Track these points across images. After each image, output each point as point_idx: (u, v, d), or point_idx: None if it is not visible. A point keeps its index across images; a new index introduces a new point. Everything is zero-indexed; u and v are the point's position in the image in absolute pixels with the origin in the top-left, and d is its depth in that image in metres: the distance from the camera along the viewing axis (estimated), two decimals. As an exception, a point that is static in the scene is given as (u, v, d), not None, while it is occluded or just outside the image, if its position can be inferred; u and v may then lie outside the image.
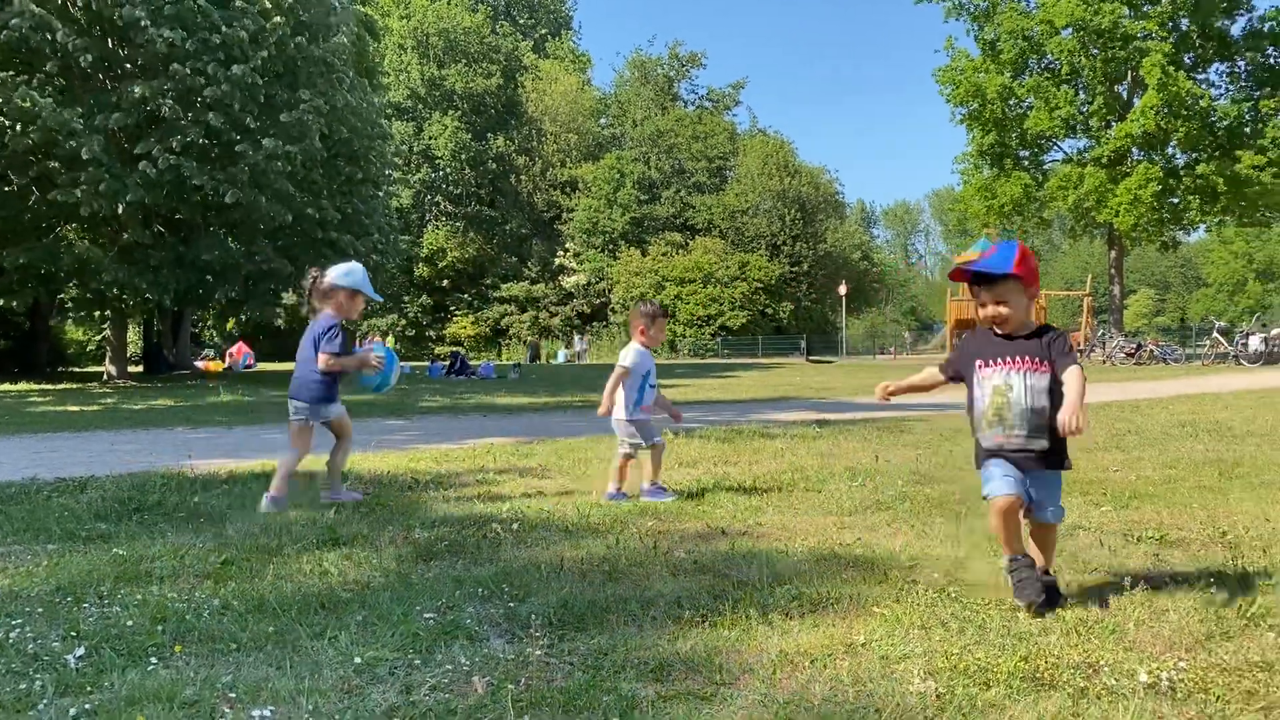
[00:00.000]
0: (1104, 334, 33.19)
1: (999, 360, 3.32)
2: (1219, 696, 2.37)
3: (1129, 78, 34.57)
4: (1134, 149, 33.86)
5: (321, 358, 5.32)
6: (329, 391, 5.46)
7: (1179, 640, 2.80)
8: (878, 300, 71.87)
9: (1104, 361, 29.41)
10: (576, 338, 54.22)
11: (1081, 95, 35.18)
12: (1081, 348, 36.06)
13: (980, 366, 3.37)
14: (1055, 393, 3.23)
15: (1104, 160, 33.73)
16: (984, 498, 3.31)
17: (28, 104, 18.59)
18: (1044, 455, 3.26)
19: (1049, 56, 35.19)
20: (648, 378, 5.62)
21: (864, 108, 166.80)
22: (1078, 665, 2.59)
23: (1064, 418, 3.08)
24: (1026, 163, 37.54)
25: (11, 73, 19.37)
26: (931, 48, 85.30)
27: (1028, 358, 3.28)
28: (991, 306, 3.35)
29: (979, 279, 3.38)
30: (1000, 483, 3.24)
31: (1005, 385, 3.28)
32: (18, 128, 19.17)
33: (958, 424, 9.76)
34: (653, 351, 5.76)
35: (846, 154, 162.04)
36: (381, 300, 5.66)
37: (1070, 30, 33.30)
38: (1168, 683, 2.44)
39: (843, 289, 47.23)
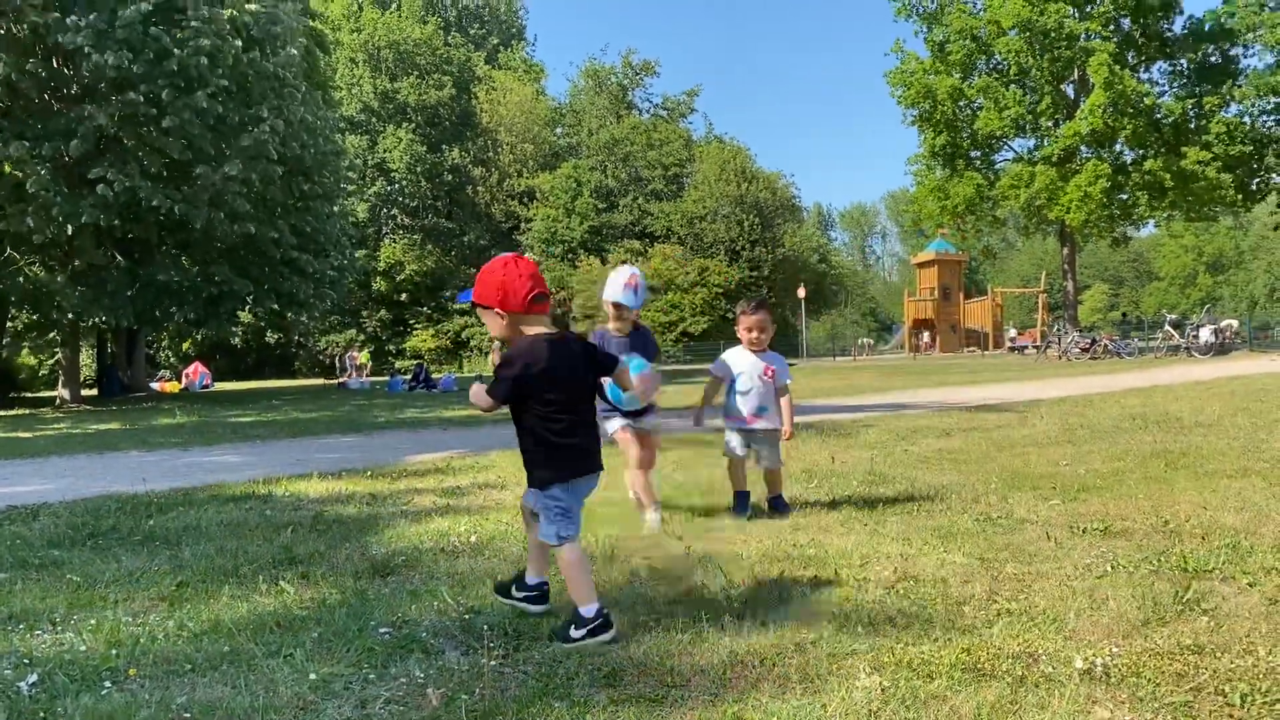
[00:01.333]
0: (1059, 330, 33.65)
1: None
2: (1150, 679, 2.46)
3: (1075, 77, 35.18)
4: (1082, 147, 34.44)
5: None
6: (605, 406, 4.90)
7: (1116, 628, 2.89)
8: (837, 302, 72.44)
9: (1060, 357, 29.80)
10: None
11: (1030, 95, 35.74)
12: (1038, 343, 36.58)
13: None
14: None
15: (1054, 158, 34.28)
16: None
17: None
18: None
19: (997, 57, 35.75)
20: (735, 382, 5.08)
21: (818, 111, 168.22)
22: (1017, 655, 2.67)
23: None
24: (978, 162, 38.07)
25: None
26: (883, 50, 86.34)
27: None
28: None
29: None
30: None
31: None
32: None
33: (913, 424, 9.91)
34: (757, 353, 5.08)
35: (803, 158, 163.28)
36: (634, 305, 4.88)
37: (1016, 31, 33.84)
38: (1102, 668, 2.52)
39: (801, 292, 47.51)
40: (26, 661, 2.92)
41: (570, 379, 3.24)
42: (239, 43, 21.37)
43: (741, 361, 5.07)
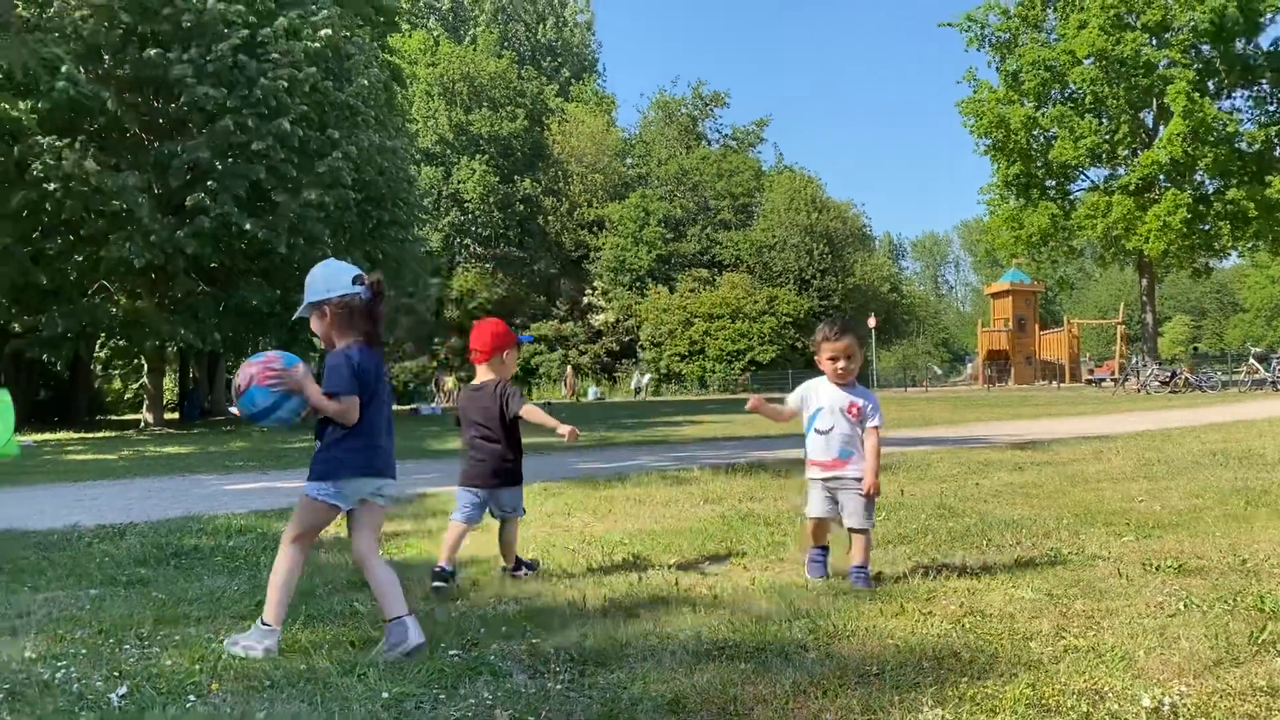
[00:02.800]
0: (1138, 362, 32.90)
1: None
2: (1220, 720, 2.43)
3: (1153, 105, 34.52)
4: (1161, 176, 33.73)
5: None
6: None
7: (1187, 667, 2.84)
8: (908, 332, 71.66)
9: (1139, 390, 29.12)
10: (636, 373, 51.86)
11: (1106, 124, 35.14)
12: (1116, 376, 35.76)
13: None
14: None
15: (1131, 188, 33.62)
16: None
17: (76, 169, 19.21)
18: None
19: (1071, 86, 35.23)
20: (814, 419, 4.35)
21: (889, 139, 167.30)
22: (1083, 692, 2.64)
23: None
24: (1053, 192, 37.48)
25: (55, 137, 20.01)
26: (954, 79, 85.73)
27: None
28: None
29: None
30: None
31: None
32: (55, 190, 19.74)
33: (984, 457, 9.78)
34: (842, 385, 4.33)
35: (872, 186, 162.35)
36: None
37: (1092, 60, 33.36)
38: (1170, 708, 2.49)
39: (872, 321, 47.12)
40: (116, 674, 3.06)
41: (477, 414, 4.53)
42: (312, 69, 22.24)
43: (822, 395, 4.33)
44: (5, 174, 20.20)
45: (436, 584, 4.22)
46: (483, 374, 4.59)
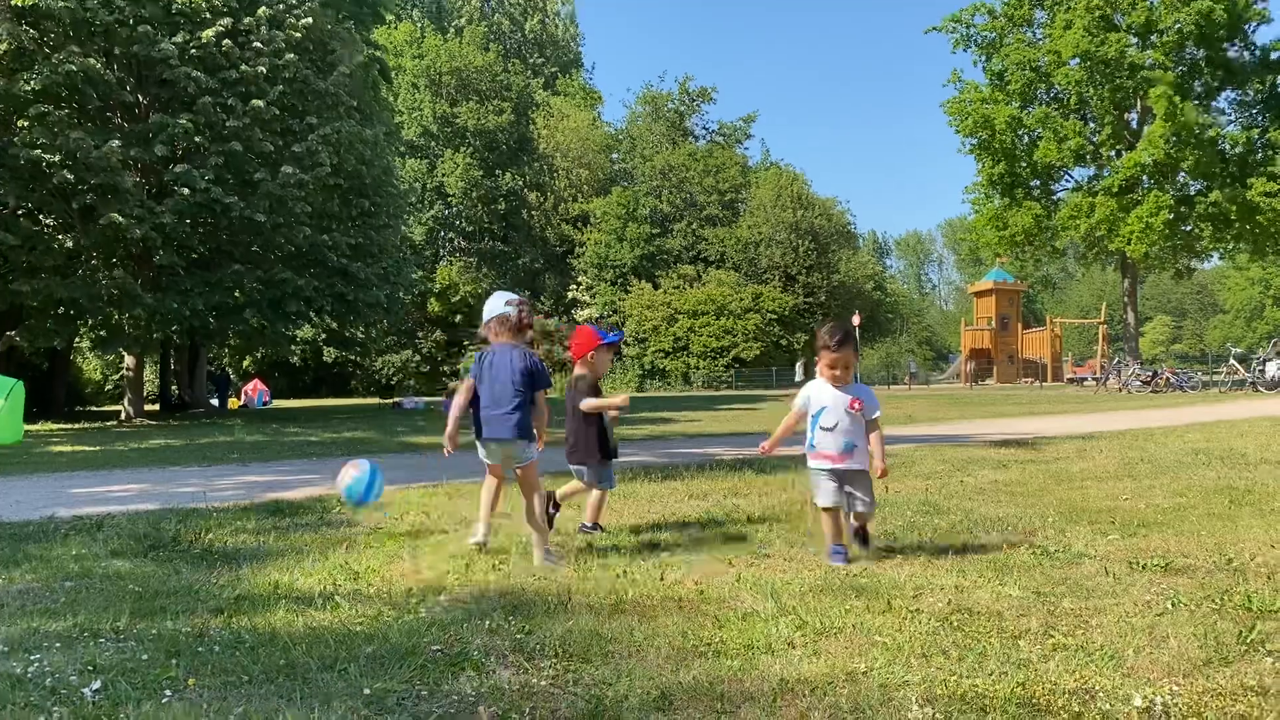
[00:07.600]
0: (1119, 362, 33.05)
1: None
2: (1212, 720, 2.40)
3: (1138, 107, 34.68)
4: (1144, 177, 33.89)
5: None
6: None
7: (1177, 666, 2.83)
8: (892, 330, 71.87)
9: (1120, 390, 29.25)
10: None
11: (1090, 125, 35.29)
12: (1098, 375, 35.93)
13: None
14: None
15: (1114, 189, 33.76)
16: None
17: (74, 144, 19.24)
18: None
19: (1056, 87, 35.37)
20: (818, 417, 4.67)
21: (875, 138, 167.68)
22: (1074, 691, 2.62)
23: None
24: (1037, 192, 37.63)
25: (53, 107, 20.09)
26: (940, 79, 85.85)
27: None
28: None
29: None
30: None
31: None
32: (46, 163, 19.69)
33: (968, 455, 9.78)
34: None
35: (858, 185, 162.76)
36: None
37: (1077, 61, 33.48)
38: (1161, 707, 2.47)
39: (856, 319, 47.18)
40: (91, 668, 2.99)
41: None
42: (291, 55, 22.32)
43: (824, 395, 4.65)
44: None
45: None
46: (578, 370, 5.52)
